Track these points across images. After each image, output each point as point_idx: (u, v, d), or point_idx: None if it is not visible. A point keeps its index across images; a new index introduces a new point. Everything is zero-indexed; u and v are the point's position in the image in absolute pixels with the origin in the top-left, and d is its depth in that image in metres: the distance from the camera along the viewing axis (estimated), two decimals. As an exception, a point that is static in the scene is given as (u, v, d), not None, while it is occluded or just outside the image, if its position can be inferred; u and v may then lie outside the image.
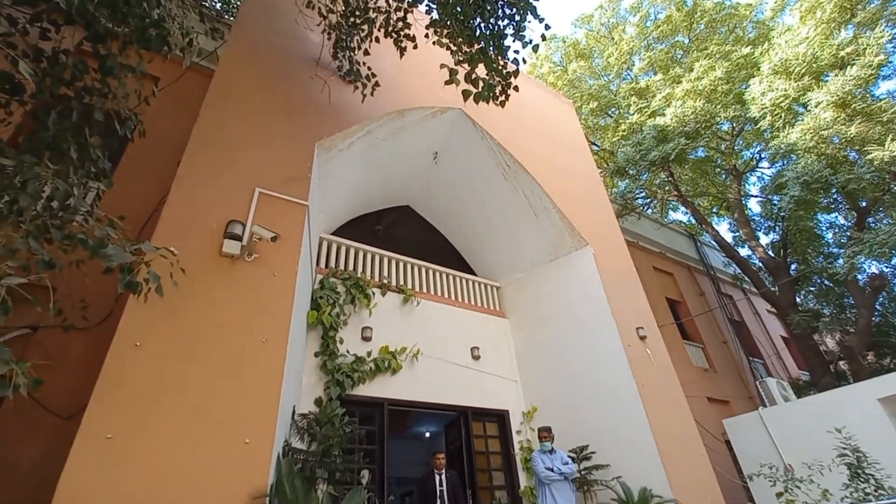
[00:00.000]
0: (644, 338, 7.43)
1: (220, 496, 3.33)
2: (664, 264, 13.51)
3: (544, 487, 5.70)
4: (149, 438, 3.31)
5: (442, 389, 7.11)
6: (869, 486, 5.30)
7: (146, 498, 3.11)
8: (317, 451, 4.81)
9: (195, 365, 3.73)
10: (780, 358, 14.41)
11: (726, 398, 11.12)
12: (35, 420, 4.68)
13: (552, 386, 7.65)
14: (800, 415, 7.60)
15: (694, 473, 6.47)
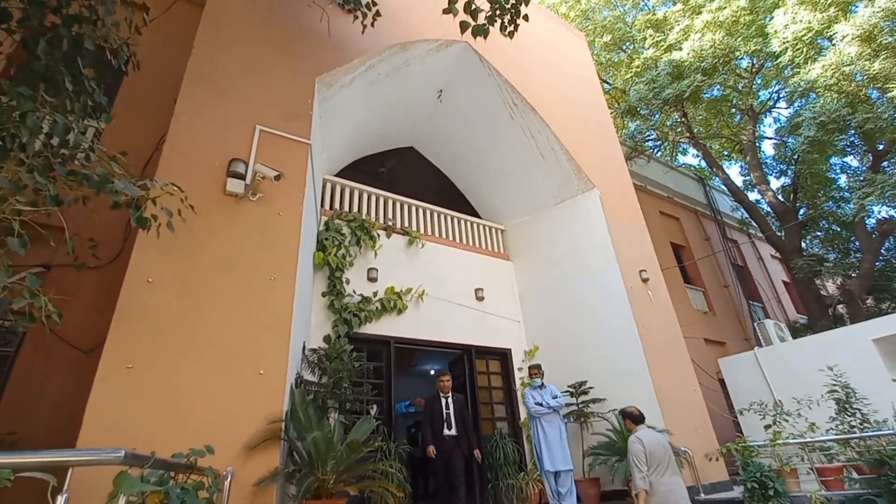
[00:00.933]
0: (646, 280, 7.51)
1: (239, 421, 3.54)
2: (671, 209, 13.39)
3: (535, 420, 6.02)
4: (167, 369, 3.47)
5: (446, 329, 7.32)
6: (855, 419, 5.53)
7: (169, 422, 3.31)
8: (327, 383, 5.04)
9: (206, 301, 3.84)
10: (779, 302, 14.61)
11: (723, 340, 11.41)
12: (57, 354, 4.90)
13: (554, 326, 7.84)
14: (794, 355, 7.81)
15: (687, 408, 6.78)
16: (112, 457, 1.49)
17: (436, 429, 5.50)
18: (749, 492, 5.34)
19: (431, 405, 5.73)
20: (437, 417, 5.55)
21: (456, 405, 5.63)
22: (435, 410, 5.61)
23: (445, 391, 5.68)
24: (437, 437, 5.47)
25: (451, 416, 5.52)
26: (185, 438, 2.27)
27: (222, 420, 3.45)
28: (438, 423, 5.50)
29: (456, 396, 5.74)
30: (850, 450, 5.44)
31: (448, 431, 5.46)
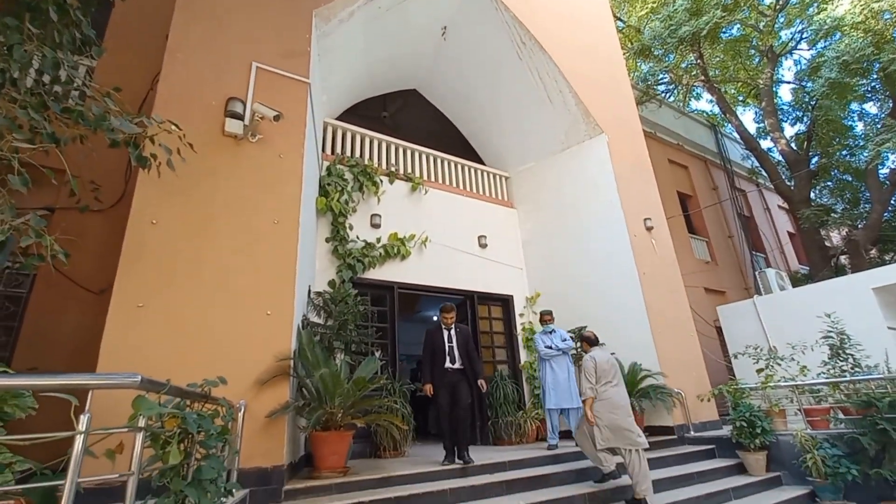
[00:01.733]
0: (650, 229, 7.48)
1: (250, 357, 3.67)
2: (680, 157, 13.08)
3: (545, 362, 6.20)
4: (177, 307, 3.55)
5: (449, 275, 7.40)
6: (847, 364, 5.68)
7: (182, 358, 3.43)
8: (333, 325, 5.18)
9: (211, 243, 3.86)
10: (782, 253, 14.61)
11: (723, 289, 11.53)
12: (70, 295, 5.03)
13: (556, 273, 7.91)
14: (793, 303, 7.91)
15: (683, 353, 6.96)
16: (129, 381, 1.55)
17: (437, 363, 4.92)
18: (737, 430, 5.59)
19: (432, 338, 5.06)
20: (438, 350, 4.96)
21: (460, 337, 5.04)
22: (436, 343, 5.00)
23: (448, 325, 5.08)
24: (438, 371, 4.89)
25: (454, 348, 4.97)
26: (199, 372, 2.36)
27: (233, 356, 3.57)
28: (440, 357, 4.93)
29: (460, 328, 5.14)
30: (839, 392, 5.62)
31: (451, 364, 4.93)
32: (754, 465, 5.45)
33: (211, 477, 2.08)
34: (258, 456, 3.47)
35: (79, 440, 1.38)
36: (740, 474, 5.44)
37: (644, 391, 6.23)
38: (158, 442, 1.87)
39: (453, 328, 5.10)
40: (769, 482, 5.30)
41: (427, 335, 5.13)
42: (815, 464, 5.02)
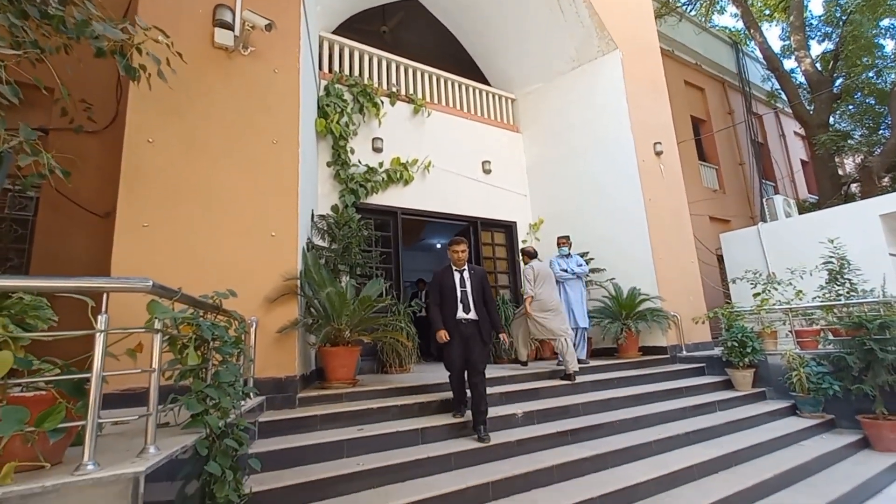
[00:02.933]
0: (660, 154, 7.28)
1: (258, 276, 3.76)
2: (697, 78, 12.40)
3: (559, 285, 6.32)
4: (183, 227, 3.58)
5: (452, 201, 7.35)
6: (843, 288, 5.77)
7: (191, 275, 3.50)
8: (337, 248, 5.24)
9: (211, 163, 3.80)
10: (792, 181, 14.34)
11: (728, 218, 11.46)
12: (76, 219, 5.07)
13: (560, 199, 7.84)
14: (797, 230, 7.88)
15: (682, 279, 7.08)
16: (142, 285, 1.59)
17: (447, 312, 3.95)
18: (728, 349, 5.83)
19: (441, 280, 4.07)
20: (448, 296, 3.98)
21: (474, 280, 4.06)
22: (445, 287, 4.01)
23: (460, 264, 4.09)
24: (448, 322, 3.91)
25: (468, 294, 4.00)
26: (208, 289, 2.42)
27: (242, 276, 3.65)
28: (451, 304, 3.96)
29: (474, 269, 4.15)
30: (831, 315, 5.78)
31: (464, 314, 3.93)
32: (741, 381, 5.75)
33: (228, 380, 2.21)
34: (272, 367, 3.67)
35: (99, 338, 1.44)
36: (727, 390, 5.76)
37: (641, 314, 6.42)
38: (176, 346, 1.97)
39: (466, 269, 4.09)
40: (754, 396, 5.62)
41: (434, 278, 4.16)
42: (800, 380, 5.29)
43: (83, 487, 1.33)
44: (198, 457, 1.96)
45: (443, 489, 2.98)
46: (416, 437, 3.58)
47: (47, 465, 1.36)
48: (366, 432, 3.46)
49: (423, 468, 3.24)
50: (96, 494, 1.34)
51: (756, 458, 4.19)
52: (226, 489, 2.02)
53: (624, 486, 3.32)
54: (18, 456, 1.32)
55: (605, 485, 3.31)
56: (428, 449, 3.45)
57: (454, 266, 4.11)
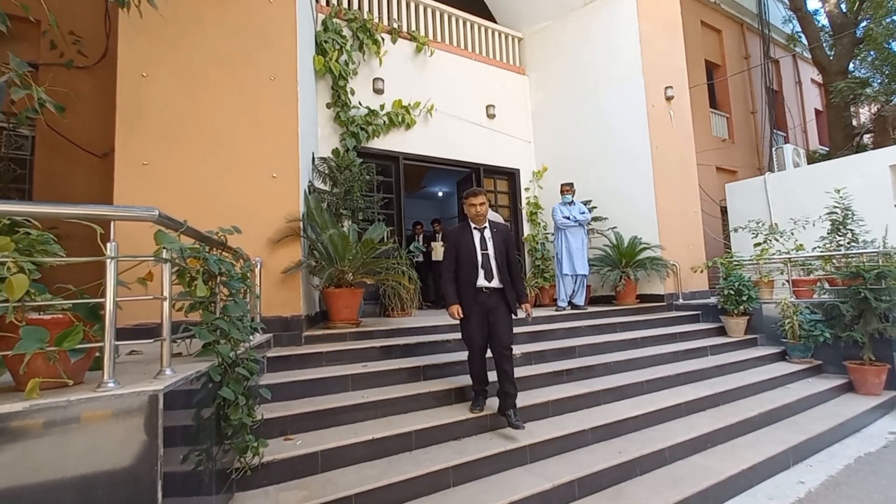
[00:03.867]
0: (671, 99, 7.05)
1: (260, 218, 3.77)
2: (715, 19, 11.76)
3: (561, 232, 6.35)
4: (181, 166, 3.55)
5: (455, 146, 7.21)
6: (844, 239, 5.78)
7: (193, 212, 3.46)
8: (339, 192, 5.21)
9: (208, 98, 3.70)
10: (804, 132, 13.97)
11: (735, 168, 11.27)
12: (75, 159, 5.03)
13: (565, 146, 7.69)
14: (804, 180, 7.77)
15: (684, 228, 7.07)
16: (147, 214, 1.60)
17: (465, 279, 3.28)
18: (724, 297, 5.94)
19: (458, 242, 3.35)
20: (466, 261, 3.29)
21: (497, 240, 3.35)
22: (463, 249, 3.32)
23: (480, 221, 3.36)
24: (465, 292, 3.28)
25: (490, 258, 3.29)
26: (212, 227, 2.43)
27: (245, 216, 3.64)
28: (469, 270, 3.28)
29: (497, 227, 3.42)
30: (830, 266, 5.82)
31: (486, 282, 3.26)
32: (734, 328, 5.90)
33: (237, 314, 2.27)
34: (277, 306, 3.77)
35: (110, 265, 1.47)
36: (720, 336, 5.92)
37: (641, 262, 6.47)
38: (185, 279, 2.01)
39: (488, 227, 3.37)
40: (745, 343, 5.79)
41: (448, 239, 3.44)
42: (792, 327, 5.42)
43: (108, 404, 1.41)
44: (211, 384, 2.06)
45: (443, 420, 3.15)
46: (418, 374, 3.74)
47: (70, 383, 1.43)
48: (370, 369, 3.61)
49: (424, 402, 3.40)
50: (121, 411, 1.42)
51: (743, 399, 4.38)
52: (239, 413, 2.14)
53: (614, 420, 3.50)
54: (42, 374, 1.39)
55: (597, 419, 3.49)
56: (429, 385, 3.61)
57: (473, 224, 3.35)
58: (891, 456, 3.72)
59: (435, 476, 2.69)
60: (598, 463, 2.99)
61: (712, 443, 3.56)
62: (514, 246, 3.43)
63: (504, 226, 3.59)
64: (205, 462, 1.94)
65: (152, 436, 1.45)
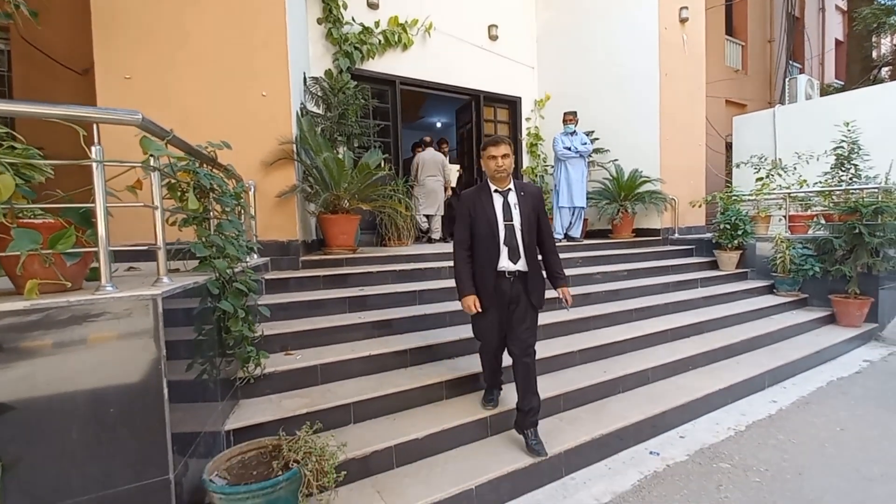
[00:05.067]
0: (685, 21, 6.61)
1: (251, 139, 3.65)
2: (739, -68, 10.78)
3: (561, 163, 6.22)
4: (166, 80, 3.38)
5: (455, 71, 6.87)
6: (847, 174, 5.70)
7: (181, 131, 3.40)
8: (333, 116, 5.02)
9: (188, 7, 3.44)
10: (821, 63, 13.33)
11: (745, 101, 10.88)
12: (55, 76, 4.83)
13: (569, 73, 7.34)
14: (815, 113, 7.51)
15: (686, 162, 6.93)
16: (130, 118, 1.54)
17: (482, 260, 2.50)
18: (720, 232, 5.96)
19: (473, 209, 2.52)
20: (484, 235, 2.48)
21: (525, 207, 2.51)
22: (480, 220, 2.50)
23: (503, 181, 2.51)
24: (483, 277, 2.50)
25: (515, 231, 2.48)
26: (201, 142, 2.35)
27: (234, 136, 3.49)
28: (488, 248, 2.48)
29: (524, 190, 2.56)
30: (829, 201, 5.79)
31: (509, 263, 2.47)
32: (726, 262, 5.99)
33: (231, 231, 2.27)
34: (273, 230, 3.77)
35: (97, 169, 1.44)
36: (711, 269, 6.02)
37: (640, 196, 6.41)
38: (176, 192, 1.98)
39: (513, 190, 2.52)
40: (736, 276, 5.91)
41: (461, 205, 2.57)
42: (783, 262, 5.50)
43: (107, 307, 1.44)
44: (211, 297, 2.10)
45: (439, 339, 3.27)
46: (413, 298, 3.83)
47: (68, 285, 1.45)
48: (367, 292, 3.69)
49: (422, 323, 3.51)
50: (121, 314, 1.46)
51: (727, 328, 4.55)
52: (239, 325, 2.21)
53: (601, 343, 3.65)
54: (39, 276, 1.40)
55: (585, 343, 3.63)
56: (425, 308, 3.71)
57: (492, 185, 2.50)
58: (862, 380, 3.93)
59: (429, 389, 2.84)
60: (583, 380, 3.16)
61: (693, 365, 3.75)
62: (545, 214, 2.56)
63: (534, 187, 2.62)
64: (209, 371, 2.03)
65: (154, 339, 1.50)
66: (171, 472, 1.52)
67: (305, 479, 1.79)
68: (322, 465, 1.85)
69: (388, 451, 2.34)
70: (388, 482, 2.23)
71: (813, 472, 2.52)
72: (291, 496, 1.77)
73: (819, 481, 2.43)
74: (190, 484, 1.71)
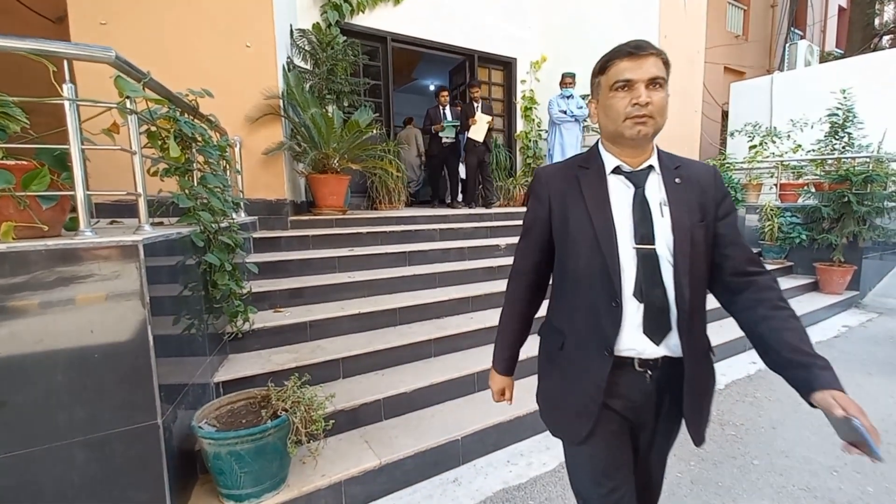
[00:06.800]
0: (687, -19, 6.40)
1: (235, 93, 3.52)
2: None
3: (555, 127, 6.11)
4: (145, 27, 3.22)
5: (449, 29, 6.62)
6: (840, 143, 5.69)
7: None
8: (321, 72, 4.84)
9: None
10: (823, 31, 13.07)
11: (744, 69, 10.70)
12: (27, 24, 4.60)
13: (567, 34, 7.11)
14: (812, 80, 7.43)
15: (680, 128, 6.83)
16: (103, 55, 1.47)
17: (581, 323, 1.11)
18: (711, 199, 5.97)
19: (560, 202, 1.13)
20: (584, 269, 1.08)
21: (683, 205, 1.06)
22: (577, 233, 1.09)
23: (641, 148, 1.09)
24: (583, 366, 1.09)
25: (660, 267, 1.03)
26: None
27: (218, 89, 3.40)
28: (594, 302, 1.07)
29: (688, 170, 1.11)
30: (821, 170, 5.81)
31: (644, 343, 1.03)
32: (715, 229, 6.02)
33: (215, 184, 2.22)
34: (261, 188, 3.70)
35: (70, 108, 1.38)
36: (700, 237, 6.05)
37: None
38: (157, 141, 1.91)
39: (656, 170, 1.10)
40: (724, 243, 5.96)
41: (533, 194, 1.21)
42: (771, 230, 5.56)
43: (87, 255, 1.40)
44: (196, 251, 2.07)
45: (427, 299, 3.29)
46: (404, 259, 3.82)
47: (45, 228, 1.41)
48: (356, 252, 3.67)
49: (410, 284, 3.52)
50: (102, 260, 1.43)
51: (712, 292, 4.62)
52: (226, 279, 2.19)
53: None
54: (15, 219, 1.36)
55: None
56: (415, 269, 3.71)
57: (613, 155, 1.12)
58: (839, 344, 4.06)
59: (417, 346, 2.87)
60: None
61: (678, 328, 3.81)
62: (736, 221, 1.17)
63: (704, 167, 1.16)
64: (196, 325, 2.02)
65: (137, 286, 1.48)
66: (159, 417, 1.53)
67: (294, 426, 1.82)
68: (310, 415, 1.88)
69: (376, 403, 2.38)
70: (376, 433, 2.29)
71: (786, 426, 2.62)
72: (280, 443, 1.80)
73: (791, 434, 2.53)
74: (179, 431, 1.73)
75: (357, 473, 1.98)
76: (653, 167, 1.09)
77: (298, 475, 1.93)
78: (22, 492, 1.36)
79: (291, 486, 1.86)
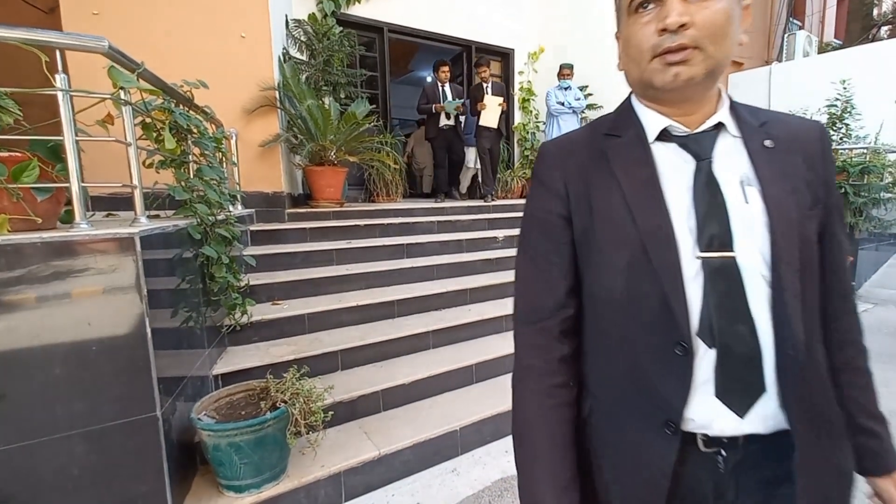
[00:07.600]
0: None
1: (230, 84, 3.48)
2: None
3: (553, 119, 6.08)
4: (138, 17, 3.18)
5: (447, 20, 6.57)
6: (837, 134, 5.68)
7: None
8: (317, 63, 4.80)
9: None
10: (822, 21, 13.02)
11: (743, 59, 10.64)
12: (20, 13, 4.51)
13: (565, 26, 7.07)
14: (811, 71, 7.40)
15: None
16: (96, 44, 1.45)
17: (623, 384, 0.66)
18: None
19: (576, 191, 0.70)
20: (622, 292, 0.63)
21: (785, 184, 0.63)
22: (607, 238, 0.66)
23: (696, 100, 0.68)
24: (631, 449, 0.63)
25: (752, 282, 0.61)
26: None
27: (213, 80, 3.38)
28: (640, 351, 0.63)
29: (784, 127, 0.69)
30: (816, 161, 5.80)
31: (724, 414, 0.60)
32: (713, 221, 6.03)
33: (211, 177, 2.20)
34: (257, 181, 3.68)
35: (63, 99, 1.36)
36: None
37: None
38: (151, 133, 1.90)
39: (731, 130, 0.69)
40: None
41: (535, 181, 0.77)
42: (768, 221, 5.56)
43: (84, 248, 1.40)
44: (193, 243, 2.06)
45: (425, 291, 3.29)
46: (401, 252, 3.82)
47: (39, 221, 1.40)
48: (353, 245, 3.67)
49: (407, 276, 3.52)
50: (99, 253, 1.42)
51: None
52: (223, 271, 2.18)
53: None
54: (9, 212, 1.35)
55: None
56: (412, 262, 3.71)
57: (657, 113, 0.71)
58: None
59: (416, 338, 2.88)
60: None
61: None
62: (842, 225, 0.73)
63: (806, 124, 0.72)
64: (194, 318, 2.02)
65: (133, 280, 1.47)
66: (159, 409, 1.53)
67: (293, 418, 1.83)
68: (309, 406, 1.89)
69: (374, 395, 2.39)
70: (375, 424, 2.30)
71: None
72: (279, 434, 1.81)
73: None
74: (178, 423, 1.74)
75: (356, 464, 2.00)
76: (723, 125, 0.68)
77: (298, 466, 1.94)
78: (22, 484, 1.36)
79: (291, 477, 1.88)
